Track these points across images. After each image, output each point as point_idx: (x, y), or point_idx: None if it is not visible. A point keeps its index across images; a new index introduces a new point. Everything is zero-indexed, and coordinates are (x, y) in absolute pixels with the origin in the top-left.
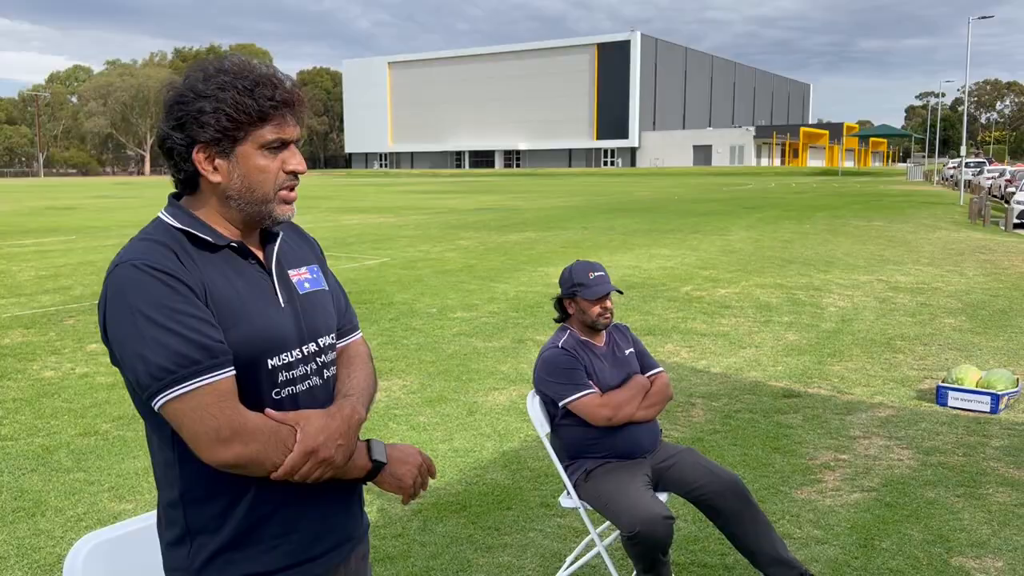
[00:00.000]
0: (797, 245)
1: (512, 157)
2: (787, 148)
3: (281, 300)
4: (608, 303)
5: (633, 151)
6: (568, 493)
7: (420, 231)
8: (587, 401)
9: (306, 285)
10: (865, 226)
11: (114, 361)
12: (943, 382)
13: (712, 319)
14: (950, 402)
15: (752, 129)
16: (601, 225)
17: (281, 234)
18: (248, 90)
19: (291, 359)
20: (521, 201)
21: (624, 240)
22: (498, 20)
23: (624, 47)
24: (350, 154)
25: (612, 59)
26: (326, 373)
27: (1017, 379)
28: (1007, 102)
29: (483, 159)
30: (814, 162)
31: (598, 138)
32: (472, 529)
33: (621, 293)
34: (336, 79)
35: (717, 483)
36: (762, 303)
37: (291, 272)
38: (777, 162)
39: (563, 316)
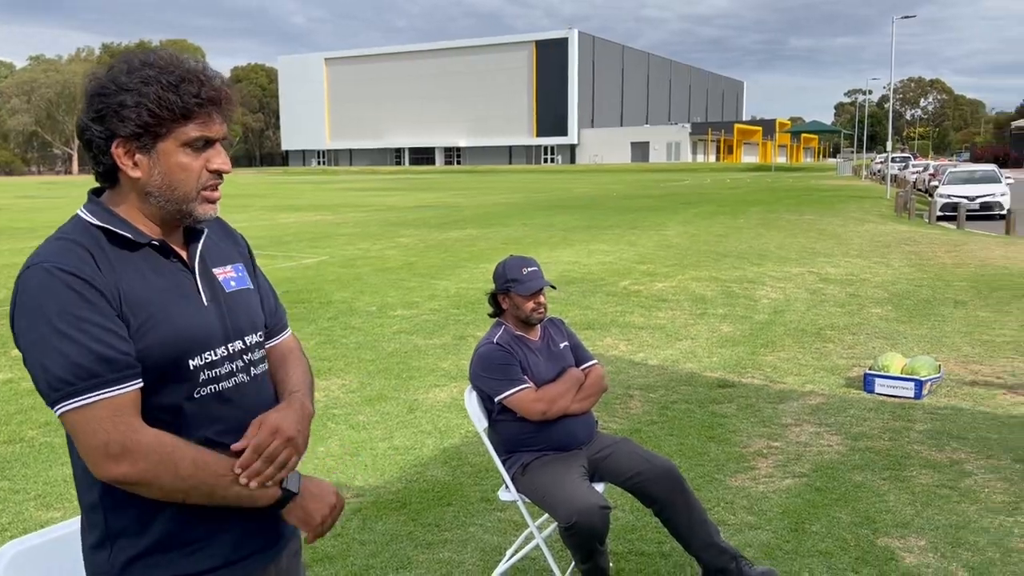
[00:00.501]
0: (731, 239)
1: (452, 154)
2: (722, 144)
3: (204, 298)
4: (541, 298)
5: (572, 148)
6: (506, 487)
7: (359, 229)
8: (522, 396)
9: (232, 283)
10: (797, 220)
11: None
12: (870, 370)
13: (649, 312)
14: (877, 389)
15: (688, 126)
16: (541, 222)
17: (206, 231)
18: (173, 85)
19: (215, 357)
20: (461, 198)
21: (564, 236)
22: (436, 17)
23: (562, 44)
24: (287, 151)
25: (550, 56)
26: (254, 371)
27: (939, 365)
28: (930, 99)
29: (423, 156)
30: (748, 158)
31: (538, 135)
32: (412, 526)
33: (554, 288)
34: (272, 75)
35: (653, 470)
36: (698, 296)
37: (216, 270)
38: (712, 158)
39: (497, 311)
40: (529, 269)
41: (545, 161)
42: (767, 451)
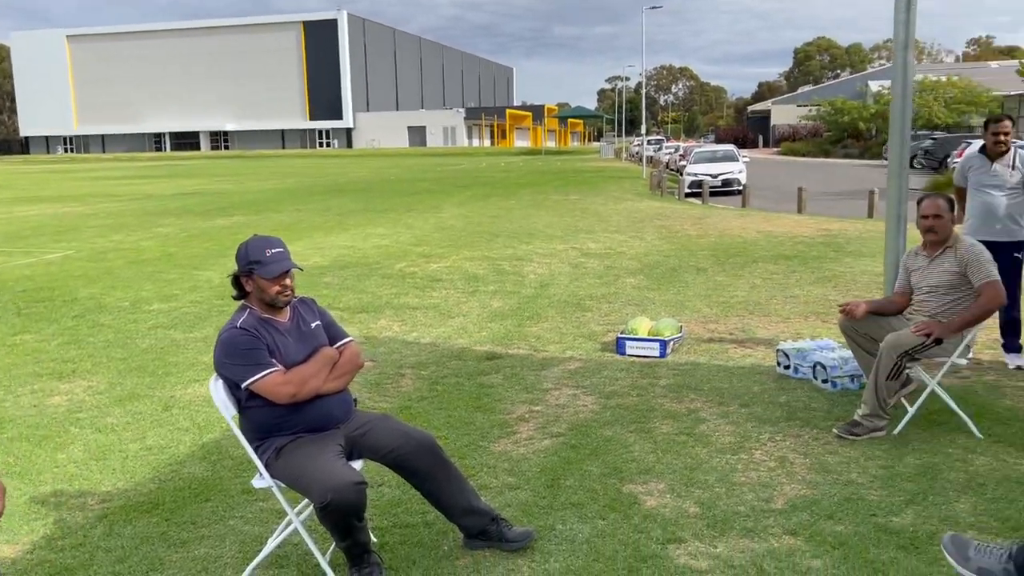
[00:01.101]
0: (503, 220)
1: (219, 138)
2: (495, 129)
3: None
4: (287, 280)
5: (349, 132)
6: (260, 474)
7: (112, 220)
8: (269, 380)
9: None
10: (563, 200)
11: None
12: (622, 334)
13: (424, 293)
14: (628, 351)
15: (462, 111)
16: (316, 206)
17: None
18: None
19: None
20: (229, 184)
21: (340, 221)
22: None
23: (331, 26)
24: (27, 138)
25: (320, 38)
26: None
27: (681, 326)
28: (681, 86)
29: (186, 141)
30: (520, 142)
31: (311, 119)
32: (165, 526)
33: (301, 270)
34: (4, 53)
35: (410, 444)
36: (471, 275)
37: None
38: (487, 142)
39: (241, 294)
40: (273, 251)
41: (321, 145)
42: (529, 416)
